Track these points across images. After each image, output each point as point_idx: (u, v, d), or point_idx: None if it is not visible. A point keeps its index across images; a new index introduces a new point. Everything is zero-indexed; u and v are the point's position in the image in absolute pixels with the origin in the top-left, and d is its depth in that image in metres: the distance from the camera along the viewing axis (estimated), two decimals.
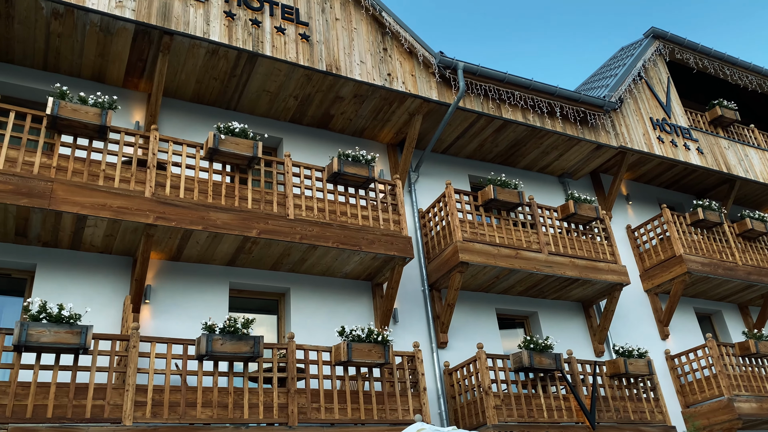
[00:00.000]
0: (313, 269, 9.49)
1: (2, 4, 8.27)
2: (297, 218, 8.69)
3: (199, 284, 8.78)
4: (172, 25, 8.98)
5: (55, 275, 7.94)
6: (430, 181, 11.81)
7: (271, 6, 10.07)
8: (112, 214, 7.50)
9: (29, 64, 9.27)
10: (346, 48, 10.47)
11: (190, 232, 8.08)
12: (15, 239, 7.83)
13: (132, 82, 9.79)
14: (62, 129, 7.75)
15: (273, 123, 10.88)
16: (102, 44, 9.06)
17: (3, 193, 7.00)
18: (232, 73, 9.82)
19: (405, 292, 10.29)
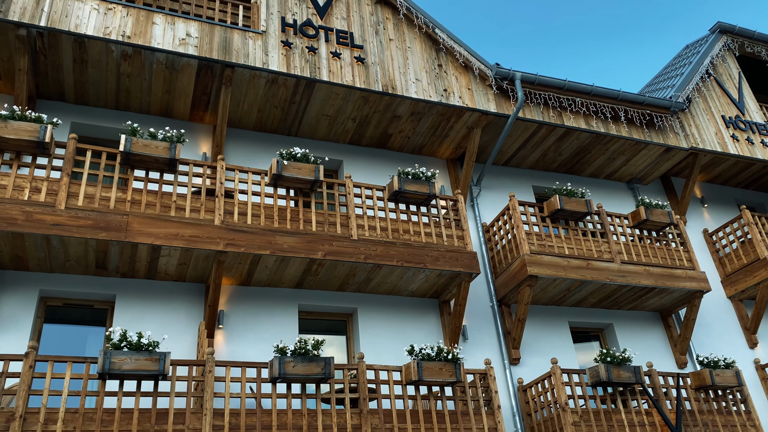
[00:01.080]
0: (379, 288, 9.51)
1: (77, 51, 8.80)
2: (360, 238, 8.75)
3: (269, 307, 8.94)
4: (232, 58, 9.30)
5: (133, 304, 8.27)
6: (492, 195, 11.66)
7: (326, 32, 10.29)
8: (185, 243, 7.76)
9: (102, 104, 9.79)
10: (401, 67, 10.54)
11: (259, 256, 8.26)
12: (96, 271, 8.22)
13: (198, 115, 10.18)
14: (135, 164, 8.12)
15: (333, 146, 11.05)
16: (168, 81, 9.47)
17: (83, 228, 7.38)
18: (292, 100, 10.05)
19: (473, 309, 10.14)
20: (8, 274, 7.94)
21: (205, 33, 9.37)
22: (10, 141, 7.49)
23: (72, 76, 9.18)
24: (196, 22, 9.41)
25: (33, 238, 7.38)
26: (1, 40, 8.51)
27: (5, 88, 9.25)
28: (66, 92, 9.46)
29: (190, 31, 9.30)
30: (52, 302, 8.18)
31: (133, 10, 9.12)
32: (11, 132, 7.46)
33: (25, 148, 7.63)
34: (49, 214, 7.33)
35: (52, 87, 9.34)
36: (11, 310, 7.75)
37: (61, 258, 7.85)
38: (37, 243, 7.51)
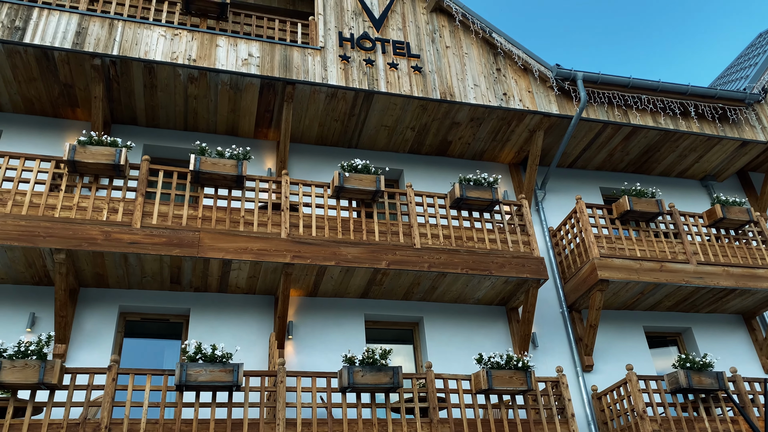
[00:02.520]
0: (444, 297, 9.45)
1: (147, 76, 9.23)
2: (424, 247, 8.74)
3: (336, 318, 9.05)
4: (293, 75, 9.52)
5: (207, 317, 8.55)
6: (558, 198, 11.40)
7: (383, 44, 10.38)
8: (254, 256, 7.97)
9: (172, 126, 10.21)
10: (459, 73, 10.50)
11: (324, 268, 8.39)
12: (171, 287, 8.55)
13: (262, 132, 10.46)
14: (204, 182, 8.42)
15: (393, 155, 11.11)
16: (233, 101, 9.79)
17: (158, 245, 7.70)
18: (351, 112, 10.18)
19: (542, 315, 9.93)
20: (90, 292, 8.37)
21: (266, 52, 9.64)
22: (88, 165, 7.92)
23: (143, 101, 9.63)
24: (257, 43, 9.70)
25: (112, 256, 7.76)
26: (78, 70, 9.02)
27: (83, 115, 9.79)
28: (138, 116, 9.92)
29: (252, 51, 9.59)
30: (131, 317, 8.56)
31: (197, 35, 9.49)
32: (89, 156, 7.89)
33: (102, 171, 8.05)
34: (126, 233, 7.69)
35: (125, 112, 9.82)
36: (94, 325, 8.15)
37: (138, 274, 8.21)
38: (116, 261, 7.89)
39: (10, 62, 8.77)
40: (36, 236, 7.37)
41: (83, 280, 8.22)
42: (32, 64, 8.85)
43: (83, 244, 7.47)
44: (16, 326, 7.87)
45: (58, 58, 8.79)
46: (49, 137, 9.55)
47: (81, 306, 8.22)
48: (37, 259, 7.67)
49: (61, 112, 9.70)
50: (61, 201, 7.75)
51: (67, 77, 9.10)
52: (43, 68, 8.93)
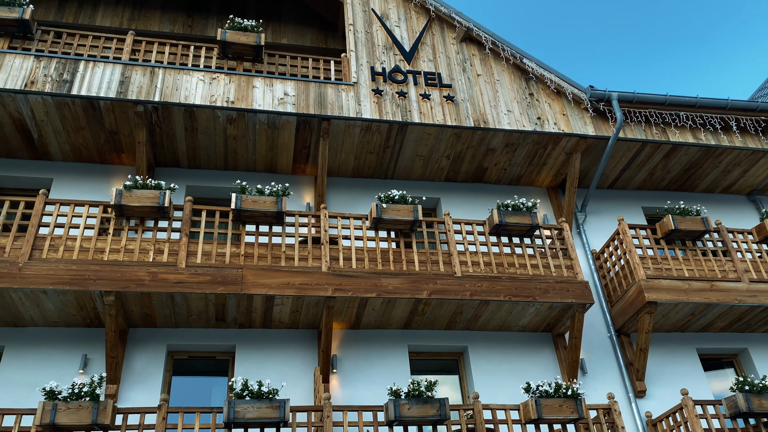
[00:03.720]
0: (488, 325, 9.34)
1: (187, 120, 9.53)
2: (465, 275, 8.69)
3: (379, 350, 9.02)
4: (328, 111, 9.71)
5: (252, 353, 8.63)
6: (600, 220, 11.22)
7: (414, 76, 10.52)
8: (296, 291, 8.06)
9: (213, 166, 10.48)
10: (492, 100, 10.54)
11: (366, 299, 8.41)
12: (216, 324, 8.68)
13: (299, 167, 10.65)
14: (246, 219, 8.60)
15: (429, 184, 11.14)
16: (270, 139, 10.02)
17: (203, 284, 7.86)
18: (386, 144, 10.30)
19: (590, 341, 9.70)
20: (139, 332, 8.56)
21: (301, 90, 9.87)
22: (135, 208, 8.18)
23: (185, 143, 9.93)
24: (292, 82, 9.95)
25: (159, 296, 7.95)
26: (123, 117, 9.39)
27: (128, 160, 10.15)
28: (180, 158, 10.23)
29: (288, 90, 9.83)
30: (179, 355, 8.70)
31: (234, 77, 9.79)
32: (135, 200, 8.16)
33: (147, 213, 8.30)
34: (171, 273, 7.87)
35: (167, 155, 10.14)
36: (143, 365, 8.31)
37: (185, 313, 8.37)
38: (163, 301, 8.07)
39: (59, 113, 9.19)
40: (87, 279, 7.61)
41: (132, 321, 8.42)
42: (80, 114, 9.25)
43: (131, 285, 7.68)
44: (70, 368, 8.09)
45: (103, 107, 9.18)
46: (96, 183, 9.91)
47: (130, 346, 8.40)
48: (88, 301, 7.91)
49: (108, 158, 10.07)
50: (110, 244, 8.00)
51: (113, 125, 9.48)
52: (90, 117, 9.32)
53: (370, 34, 10.96)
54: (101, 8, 12.28)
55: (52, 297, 7.74)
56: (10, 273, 7.46)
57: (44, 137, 9.55)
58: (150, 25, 12.26)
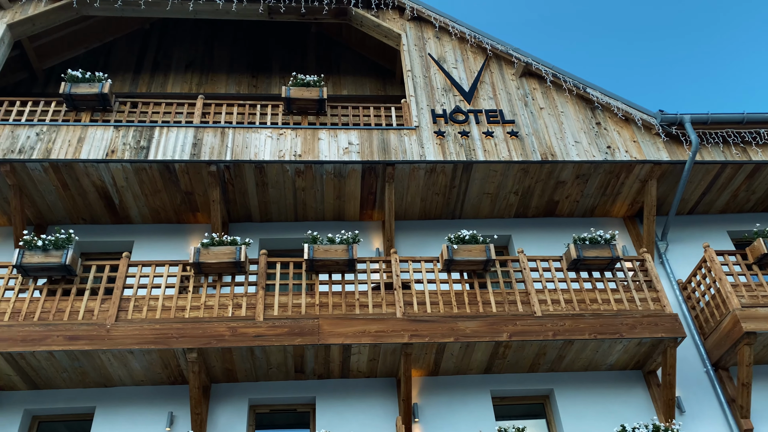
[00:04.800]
0: (573, 365, 8.93)
1: (258, 175, 9.80)
2: (545, 314, 8.39)
3: (461, 396, 8.75)
4: (392, 156, 9.78)
5: (332, 404, 8.54)
6: (683, 248, 10.65)
7: (476, 114, 10.49)
8: (372, 339, 7.98)
9: (284, 218, 10.69)
10: (557, 133, 10.35)
11: (443, 345, 8.23)
12: (295, 376, 8.68)
13: (367, 213, 10.71)
14: (318, 269, 8.66)
15: (499, 222, 10.95)
16: (337, 188, 10.15)
17: (281, 336, 7.91)
18: (451, 184, 10.23)
19: (685, 377, 9.09)
20: (221, 387, 8.66)
21: (365, 138, 10.01)
22: (212, 265, 8.39)
23: (256, 198, 10.19)
24: (355, 131, 10.11)
25: (239, 351, 8.04)
26: (197, 178, 9.75)
27: (203, 219, 10.49)
28: (252, 213, 10.49)
29: (351, 139, 9.98)
30: (260, 410, 8.72)
31: (300, 131, 10.05)
32: (213, 257, 8.37)
33: (224, 269, 8.49)
34: (250, 326, 7.97)
35: (240, 211, 10.42)
36: (227, 420, 8.37)
37: (265, 366, 8.42)
38: (243, 355, 8.15)
39: (138, 179, 9.64)
40: (170, 338, 7.79)
41: (214, 377, 8.53)
42: (157, 177, 9.67)
43: (212, 341, 7.81)
44: (157, 426, 8.23)
45: (178, 169, 9.57)
46: (174, 243, 10.27)
47: (213, 402, 8.49)
48: (172, 359, 8.08)
49: (184, 218, 10.44)
50: (190, 301, 8.21)
51: (188, 185, 9.85)
52: (166, 180, 9.73)
53: (428, 77, 11.06)
54: (171, 76, 12.97)
55: (138, 356, 7.96)
56: (99, 335, 7.74)
57: (125, 202, 10.02)
58: (217, 88, 12.82)
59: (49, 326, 7.79)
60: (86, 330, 7.78)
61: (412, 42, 11.52)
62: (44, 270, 8.21)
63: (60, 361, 7.94)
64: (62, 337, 7.72)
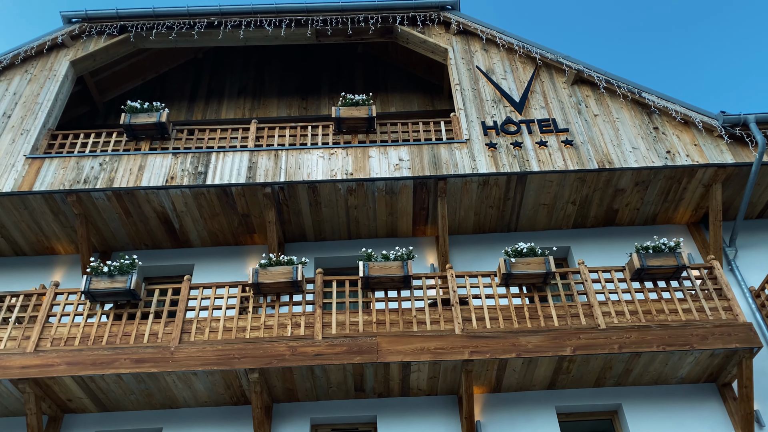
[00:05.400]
0: (642, 379, 8.59)
1: (311, 195, 9.91)
2: (610, 326, 8.12)
3: (525, 413, 8.53)
4: (443, 171, 9.72)
5: (393, 423, 8.45)
6: (754, 254, 10.14)
7: (528, 125, 10.34)
8: (431, 356, 7.89)
9: (337, 237, 10.75)
10: (614, 139, 10.09)
11: (505, 361, 8.06)
12: (355, 395, 8.65)
13: (420, 229, 10.66)
14: (374, 286, 8.65)
15: (556, 233, 10.71)
16: (389, 204, 10.15)
17: (340, 354, 7.91)
18: (506, 196, 10.09)
19: (764, 389, 8.61)
20: (283, 407, 8.70)
21: (415, 154, 9.99)
22: (270, 285, 8.49)
23: (310, 218, 10.30)
24: (405, 147, 10.11)
25: (299, 370, 8.08)
26: (252, 200, 9.93)
27: (259, 240, 10.65)
28: (307, 232, 10.59)
29: (402, 155, 9.99)
30: (322, 429, 8.71)
31: (350, 150, 10.12)
32: (270, 277, 8.47)
33: (282, 288, 8.58)
34: (309, 345, 8.01)
35: (295, 230, 10.54)
36: None
37: (325, 385, 8.42)
38: (303, 374, 8.18)
39: (196, 203, 9.89)
40: (232, 359, 7.90)
41: (275, 396, 8.59)
42: (214, 201, 9.90)
43: (273, 361, 7.88)
44: None
45: (235, 192, 9.77)
46: (233, 264, 10.45)
47: (276, 421, 8.54)
48: (234, 380, 8.18)
49: (241, 240, 10.63)
50: (250, 322, 8.32)
51: (244, 208, 10.04)
52: (224, 203, 9.94)
53: (477, 90, 10.99)
54: (225, 103, 13.32)
55: (202, 378, 8.09)
56: (163, 357, 7.92)
57: (184, 226, 10.29)
58: (269, 112, 13.08)
59: (117, 350, 8.03)
60: (151, 353, 7.98)
61: (459, 56, 11.49)
62: (110, 295, 8.48)
63: (127, 383, 8.15)
64: (129, 360, 7.93)
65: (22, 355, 7.99)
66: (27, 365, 7.91)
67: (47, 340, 8.17)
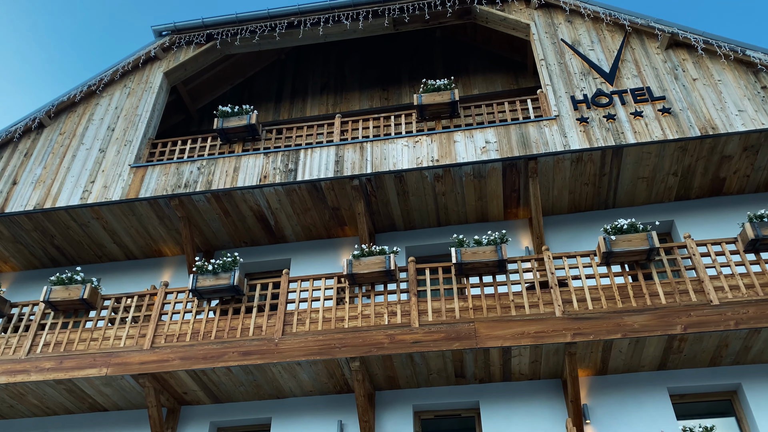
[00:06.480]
0: (763, 356, 8.02)
1: (398, 185, 9.93)
2: (723, 302, 7.63)
3: (634, 395, 8.18)
4: (533, 150, 9.46)
5: (497, 409, 8.37)
6: None
7: (620, 95, 9.86)
8: (532, 340, 7.72)
9: (426, 225, 10.73)
10: (716, 103, 9.43)
11: (610, 342, 7.77)
12: (456, 381, 8.62)
13: (511, 212, 10.44)
14: (467, 272, 8.56)
15: (657, 207, 10.17)
16: (478, 189, 10.00)
17: (438, 341, 7.90)
18: (601, 172, 9.68)
19: None
20: (385, 394, 8.81)
21: (502, 135, 9.78)
22: (365, 275, 8.60)
23: (398, 208, 10.33)
24: (491, 129, 9.92)
25: (399, 357, 8.15)
26: (341, 193, 10.08)
27: (350, 232, 10.82)
28: (396, 222, 10.64)
29: (488, 137, 9.81)
30: (425, 416, 8.75)
31: (435, 136, 10.05)
32: (364, 267, 8.58)
33: (376, 278, 8.66)
34: (407, 333, 8.05)
35: (384, 221, 10.62)
36: (393, 427, 8.49)
37: (425, 372, 8.45)
38: (403, 362, 8.25)
39: (289, 199, 10.17)
40: (333, 348, 8.09)
41: (377, 384, 8.72)
42: (306, 197, 10.14)
43: (372, 349, 7.98)
44: None
45: (324, 186, 9.96)
46: (327, 257, 10.69)
47: (379, 409, 8.67)
48: (336, 369, 8.37)
49: (333, 233, 10.84)
50: (348, 312, 8.47)
51: (334, 201, 10.22)
52: (314, 198, 10.16)
53: (564, 64, 10.59)
54: (309, 100, 13.60)
55: (306, 368, 8.33)
56: (269, 349, 8.22)
57: (279, 222, 10.62)
58: (351, 106, 13.24)
59: (225, 343, 8.41)
60: (257, 345, 8.30)
61: (542, 30, 11.12)
62: (215, 292, 8.89)
63: (237, 375, 8.53)
64: (237, 353, 8.30)
65: (140, 352, 8.53)
66: (145, 361, 8.45)
67: (161, 337, 8.69)
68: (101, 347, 8.73)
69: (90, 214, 10.40)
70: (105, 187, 10.42)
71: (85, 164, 10.90)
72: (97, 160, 10.93)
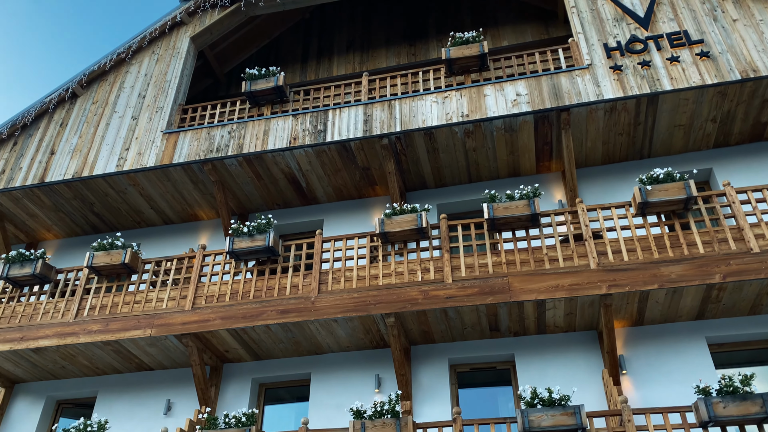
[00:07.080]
0: None
1: (428, 142, 9.87)
2: (764, 250, 7.47)
3: (672, 345, 8.16)
4: (565, 101, 9.26)
5: (532, 361, 8.45)
6: None
7: (656, 41, 9.53)
8: (566, 293, 7.71)
9: (458, 181, 10.68)
10: (758, 45, 9.05)
11: (646, 293, 7.71)
12: (491, 334, 8.70)
13: (544, 166, 10.31)
14: (500, 227, 8.53)
15: (695, 156, 9.91)
16: (509, 143, 9.87)
17: (472, 296, 7.95)
18: (636, 121, 9.45)
19: None
20: (420, 349, 8.96)
21: (533, 87, 9.58)
22: (397, 233, 8.65)
23: (429, 165, 10.29)
24: (522, 81, 9.72)
25: (433, 313, 8.24)
26: (371, 153, 10.07)
27: (381, 191, 10.84)
28: (427, 180, 10.61)
29: (519, 90, 9.62)
30: (461, 369, 8.89)
31: (464, 91, 9.90)
32: (396, 225, 8.62)
33: (408, 236, 8.70)
34: (440, 289, 8.12)
35: (415, 179, 10.60)
36: (429, 380, 8.65)
37: (459, 327, 8.54)
38: (437, 317, 8.34)
39: (319, 161, 10.21)
40: (368, 305, 8.21)
41: (413, 339, 8.85)
42: (336, 157, 10.16)
43: (407, 305, 8.08)
44: (366, 388, 8.77)
45: (354, 146, 9.96)
46: (358, 216, 10.76)
47: (415, 363, 8.82)
48: (372, 325, 8.52)
49: (364, 193, 10.88)
50: (381, 269, 8.55)
51: (364, 161, 10.22)
52: (344, 158, 10.18)
53: (596, 10, 10.25)
54: (335, 59, 13.48)
55: (342, 324, 8.50)
56: (306, 307, 8.40)
57: (311, 184, 10.69)
58: (378, 63, 13.08)
59: (263, 303, 8.61)
60: (294, 304, 8.48)
61: None
62: (251, 253, 9.06)
63: (276, 333, 8.75)
64: (275, 311, 8.49)
65: (182, 313, 8.80)
66: (187, 321, 8.72)
67: (201, 298, 8.94)
68: (144, 309, 9.03)
69: (126, 181, 10.62)
70: (139, 154, 10.61)
71: (119, 132, 11.08)
72: (130, 127, 11.10)
